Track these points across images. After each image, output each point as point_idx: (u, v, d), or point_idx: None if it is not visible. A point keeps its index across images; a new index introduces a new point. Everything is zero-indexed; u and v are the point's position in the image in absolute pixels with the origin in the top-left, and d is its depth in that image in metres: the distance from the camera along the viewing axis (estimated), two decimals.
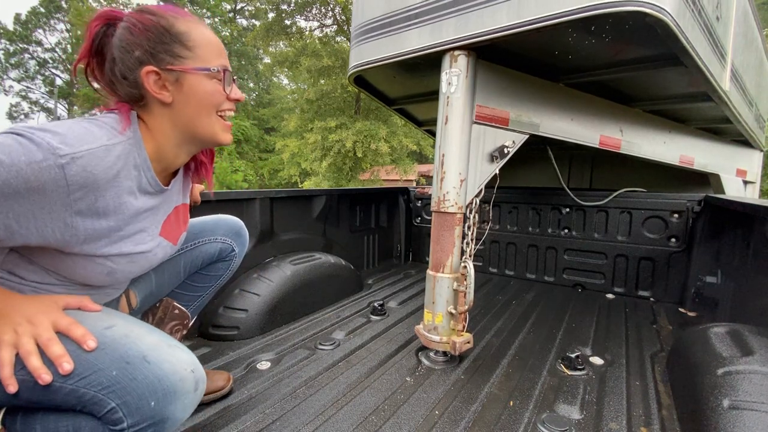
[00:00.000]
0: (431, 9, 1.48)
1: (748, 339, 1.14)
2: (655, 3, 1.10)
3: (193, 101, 0.82)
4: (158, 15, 0.78)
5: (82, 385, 0.69)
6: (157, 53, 0.77)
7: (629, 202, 2.43)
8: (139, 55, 0.77)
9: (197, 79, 0.81)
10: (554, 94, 1.70)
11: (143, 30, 0.77)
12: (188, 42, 0.79)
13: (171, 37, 0.78)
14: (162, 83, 0.79)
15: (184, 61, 0.79)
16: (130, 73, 0.78)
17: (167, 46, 0.78)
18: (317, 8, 14.67)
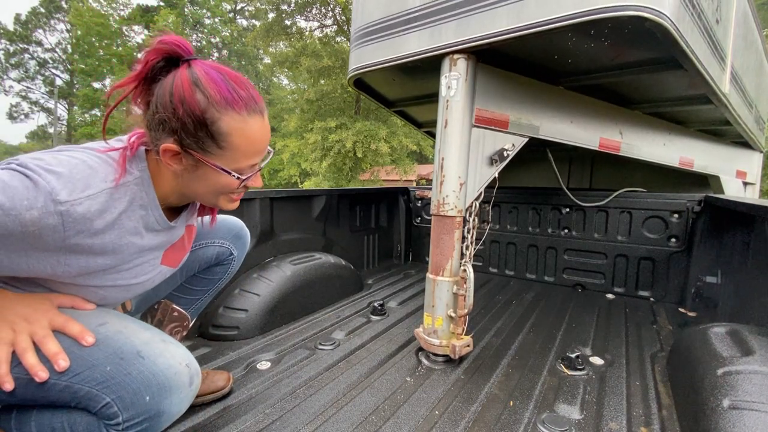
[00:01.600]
0: (431, 12, 1.49)
1: (748, 339, 1.15)
2: (654, 7, 1.11)
3: (202, 184, 0.80)
4: (208, 99, 0.70)
5: (77, 381, 0.69)
6: (186, 138, 0.72)
7: (629, 202, 2.44)
8: (169, 127, 0.72)
9: (214, 173, 0.77)
10: (554, 96, 1.70)
11: (183, 111, 0.70)
12: (222, 143, 0.74)
13: (206, 132, 0.72)
14: (179, 158, 0.75)
15: (209, 156, 0.75)
16: (154, 130, 0.74)
17: (199, 139, 0.73)
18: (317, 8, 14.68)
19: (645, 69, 1.58)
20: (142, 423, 0.71)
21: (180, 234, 0.94)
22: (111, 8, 25.51)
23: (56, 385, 0.69)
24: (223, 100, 0.71)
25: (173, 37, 0.72)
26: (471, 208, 1.53)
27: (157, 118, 0.72)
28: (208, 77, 0.71)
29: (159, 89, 0.72)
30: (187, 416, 1.13)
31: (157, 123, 0.72)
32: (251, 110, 0.75)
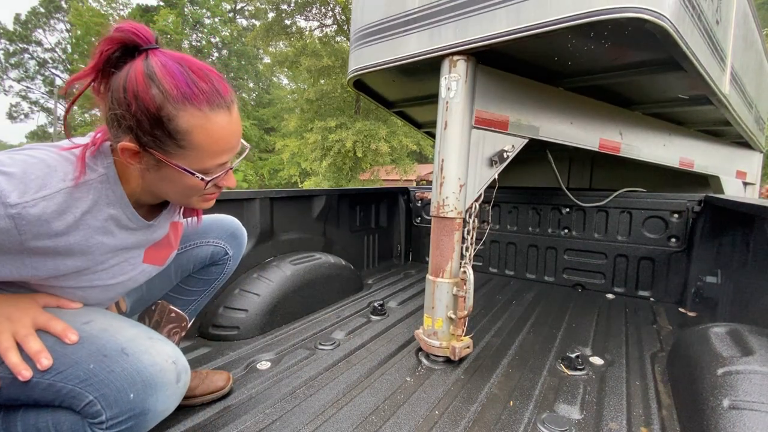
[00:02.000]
0: (430, 14, 1.49)
1: (748, 339, 1.15)
2: (654, 9, 1.11)
3: (168, 184, 0.74)
4: (164, 95, 0.64)
5: (59, 379, 0.68)
6: (142, 136, 0.67)
7: (629, 202, 2.44)
8: (125, 124, 0.66)
9: (177, 173, 0.71)
10: (554, 97, 1.70)
11: (137, 107, 0.64)
12: (182, 141, 0.68)
13: (164, 131, 0.66)
14: (139, 157, 0.69)
15: (170, 156, 0.69)
16: (112, 125, 0.68)
17: (157, 137, 0.67)
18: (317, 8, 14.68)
19: (645, 70, 1.58)
20: (126, 421, 0.70)
21: (164, 232, 0.91)
22: (111, 8, 25.50)
23: (39, 384, 0.68)
24: (180, 95, 0.65)
25: (130, 24, 0.66)
26: (471, 209, 1.53)
27: (111, 115, 0.66)
28: (165, 70, 0.64)
29: (114, 83, 0.66)
30: (187, 416, 1.13)
31: (113, 120, 0.67)
32: (214, 105, 0.68)
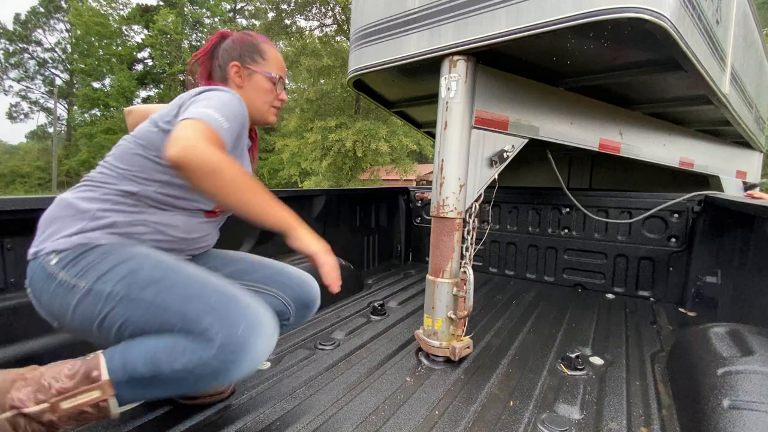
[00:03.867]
0: (430, 14, 1.49)
1: (748, 339, 1.15)
2: (654, 9, 1.11)
3: (254, 91, 1.17)
4: (252, 36, 1.20)
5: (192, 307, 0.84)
6: (243, 56, 1.16)
7: (629, 202, 2.44)
8: (233, 55, 1.15)
9: (261, 78, 1.17)
10: (553, 97, 1.70)
11: (240, 41, 1.17)
12: (264, 56, 1.18)
13: (255, 50, 1.17)
14: (240, 74, 1.15)
15: (257, 65, 1.17)
16: (224, 64, 1.16)
17: (251, 54, 1.17)
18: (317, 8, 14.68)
19: (645, 70, 1.58)
20: (231, 352, 0.82)
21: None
22: (110, 8, 25.49)
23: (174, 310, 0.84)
24: (261, 39, 1.21)
25: (224, 29, 1.25)
26: (471, 209, 1.53)
27: (224, 55, 1.16)
28: (247, 32, 1.23)
29: (221, 46, 1.18)
30: (188, 416, 1.13)
31: (225, 57, 1.15)
32: (272, 45, 1.23)
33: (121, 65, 23.98)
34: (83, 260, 0.87)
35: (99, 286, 0.85)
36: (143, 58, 26.30)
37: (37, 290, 0.90)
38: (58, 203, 0.95)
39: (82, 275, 0.86)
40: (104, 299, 0.85)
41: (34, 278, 0.89)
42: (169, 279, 0.88)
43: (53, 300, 0.87)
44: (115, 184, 0.95)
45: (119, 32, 25.66)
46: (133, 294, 0.85)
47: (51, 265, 0.87)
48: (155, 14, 23.49)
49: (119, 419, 1.11)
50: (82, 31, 23.65)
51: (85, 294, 0.85)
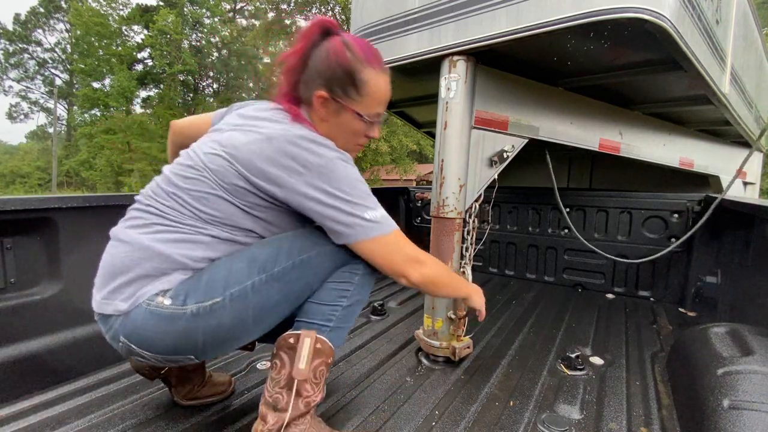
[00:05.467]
0: (430, 14, 1.49)
1: (748, 339, 1.15)
2: (654, 9, 1.11)
3: (339, 129, 0.97)
4: (355, 57, 0.91)
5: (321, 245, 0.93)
6: (335, 86, 0.92)
7: (629, 202, 2.44)
8: (323, 79, 0.92)
9: (351, 117, 0.96)
10: (553, 97, 1.70)
11: (337, 64, 0.91)
12: (362, 90, 0.93)
13: (352, 81, 0.92)
14: (326, 107, 0.94)
15: (350, 102, 0.94)
16: (311, 83, 0.93)
17: (346, 86, 0.92)
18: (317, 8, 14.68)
19: (645, 70, 1.58)
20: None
21: None
22: (110, 8, 25.48)
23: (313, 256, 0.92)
24: (365, 58, 0.93)
25: (322, 17, 0.95)
26: (471, 209, 1.53)
27: (314, 72, 0.92)
28: (355, 41, 0.93)
29: (316, 52, 0.92)
30: (188, 416, 1.13)
31: (314, 75, 0.92)
32: (382, 68, 0.97)
33: (121, 65, 23.95)
34: (199, 283, 0.83)
35: (236, 288, 0.84)
36: (143, 58, 26.30)
37: (150, 338, 0.82)
38: (132, 246, 0.84)
39: (211, 293, 0.82)
40: (251, 294, 0.85)
41: (144, 327, 0.81)
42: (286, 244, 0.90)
43: (188, 335, 0.82)
44: (203, 228, 0.86)
45: (119, 32, 25.65)
46: (272, 270, 0.87)
47: (167, 306, 0.81)
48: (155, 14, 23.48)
49: (120, 419, 1.11)
50: (81, 31, 23.62)
51: (229, 303, 0.83)
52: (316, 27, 0.93)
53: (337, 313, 0.95)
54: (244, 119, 0.94)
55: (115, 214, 1.49)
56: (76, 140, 26.50)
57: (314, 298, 0.95)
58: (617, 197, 2.47)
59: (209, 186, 0.86)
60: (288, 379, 0.91)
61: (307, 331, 0.92)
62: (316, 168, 0.84)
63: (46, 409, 1.16)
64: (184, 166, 0.89)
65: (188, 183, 0.86)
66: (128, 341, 0.83)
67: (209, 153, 0.88)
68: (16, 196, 5.21)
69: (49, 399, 1.22)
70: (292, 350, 0.92)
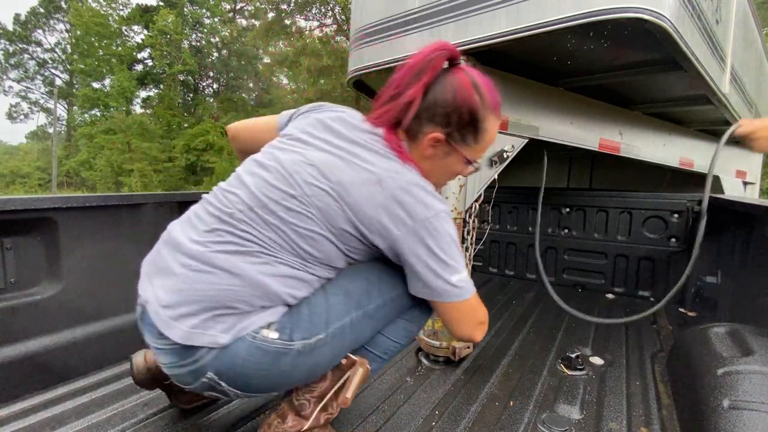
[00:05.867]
0: (430, 14, 1.49)
1: (748, 339, 1.15)
2: (654, 9, 1.11)
3: (440, 169, 0.91)
4: (483, 102, 0.84)
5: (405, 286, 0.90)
6: (454, 130, 0.85)
7: (629, 202, 2.44)
8: (442, 118, 0.83)
9: (458, 161, 0.90)
10: (553, 97, 1.70)
11: (465, 107, 0.82)
12: (479, 137, 0.87)
13: (473, 129, 0.85)
14: (436, 148, 0.86)
15: (464, 147, 0.88)
16: (425, 118, 0.84)
17: (465, 132, 0.85)
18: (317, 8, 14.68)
19: (645, 70, 1.58)
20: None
21: None
22: (110, 8, 25.49)
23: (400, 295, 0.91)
24: (492, 104, 0.86)
25: (445, 44, 0.84)
26: (471, 209, 1.53)
27: (433, 107, 0.83)
28: (483, 82, 0.86)
29: (438, 86, 0.83)
30: (188, 416, 1.13)
31: (433, 112, 0.83)
32: (499, 116, 0.91)
33: (120, 65, 23.96)
34: (300, 317, 0.80)
35: (336, 325, 0.83)
36: (143, 58, 26.30)
37: (248, 375, 0.77)
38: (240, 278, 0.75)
39: (315, 329, 0.80)
40: (349, 329, 0.85)
41: (246, 364, 0.76)
42: (374, 278, 0.88)
43: (290, 372, 0.80)
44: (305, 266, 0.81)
45: (119, 32, 25.64)
46: (368, 307, 0.86)
47: (273, 340, 0.76)
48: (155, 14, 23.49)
49: (120, 419, 1.11)
50: (81, 32, 23.62)
51: (330, 340, 0.82)
52: (442, 58, 0.83)
53: (395, 350, 0.97)
54: (338, 138, 0.84)
55: (115, 214, 1.50)
56: (76, 140, 26.51)
57: (385, 331, 0.94)
58: (617, 197, 2.47)
59: (318, 226, 0.78)
60: (322, 393, 0.90)
61: (362, 360, 0.91)
62: (422, 221, 0.78)
63: (46, 409, 1.16)
64: (284, 192, 0.79)
65: (293, 217, 0.78)
66: (217, 377, 0.76)
67: (312, 184, 0.78)
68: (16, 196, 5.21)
69: (49, 399, 1.22)
70: (338, 368, 0.90)
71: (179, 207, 1.68)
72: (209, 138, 20.07)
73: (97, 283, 1.45)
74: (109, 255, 1.48)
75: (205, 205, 0.85)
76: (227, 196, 0.83)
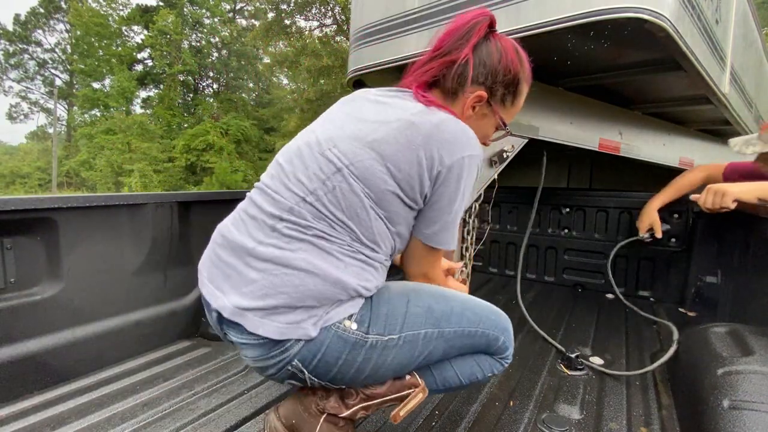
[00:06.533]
0: (430, 14, 1.49)
1: (748, 339, 1.15)
2: (654, 9, 1.11)
3: (475, 129, 0.89)
4: (523, 66, 0.91)
5: (486, 327, 0.91)
6: (496, 90, 0.89)
7: (629, 202, 2.44)
8: (486, 79, 0.88)
9: (492, 122, 0.95)
10: (553, 97, 1.70)
11: (509, 69, 0.88)
12: (516, 101, 0.94)
13: (513, 90, 0.91)
14: (480, 104, 0.90)
15: (501, 109, 0.93)
16: (466, 80, 0.87)
17: (506, 93, 0.91)
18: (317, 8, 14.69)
19: (644, 70, 1.58)
20: (512, 352, 0.98)
21: None
22: (110, 8, 25.50)
23: (478, 334, 0.91)
24: (528, 72, 0.93)
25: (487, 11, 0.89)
26: (471, 209, 1.53)
27: (479, 68, 0.87)
28: (522, 51, 0.93)
29: (485, 48, 0.87)
30: (188, 416, 1.13)
31: (479, 72, 0.87)
32: (530, 82, 0.97)
33: (120, 66, 23.98)
34: (379, 314, 0.83)
35: (410, 332, 0.84)
36: (143, 58, 26.33)
37: (327, 362, 0.80)
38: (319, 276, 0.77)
39: (390, 328, 0.83)
40: (421, 343, 0.85)
41: (328, 351, 0.79)
42: (457, 307, 0.89)
43: (361, 365, 0.82)
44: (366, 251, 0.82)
45: (119, 33, 25.66)
46: (444, 329, 0.87)
47: (353, 330, 0.79)
48: (155, 15, 23.49)
49: (120, 419, 1.11)
50: (81, 32, 23.65)
51: (401, 344, 0.83)
52: (486, 24, 0.88)
53: (453, 385, 0.96)
54: (364, 104, 0.92)
55: (115, 214, 1.50)
56: (76, 141, 26.51)
57: (454, 362, 0.95)
58: (617, 197, 2.47)
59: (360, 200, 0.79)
60: (373, 395, 0.90)
61: (424, 387, 0.92)
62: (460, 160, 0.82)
63: (46, 409, 1.16)
64: (322, 172, 0.81)
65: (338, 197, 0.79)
66: (302, 365, 0.79)
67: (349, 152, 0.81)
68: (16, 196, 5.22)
69: (49, 399, 1.22)
70: (399, 380, 0.91)
71: (179, 207, 1.68)
72: (209, 138, 20.08)
73: (97, 283, 1.45)
74: (109, 255, 1.48)
75: (257, 202, 0.85)
76: (278, 189, 0.83)
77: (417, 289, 0.91)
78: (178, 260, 1.70)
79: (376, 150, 0.79)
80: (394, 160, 0.78)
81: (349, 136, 0.82)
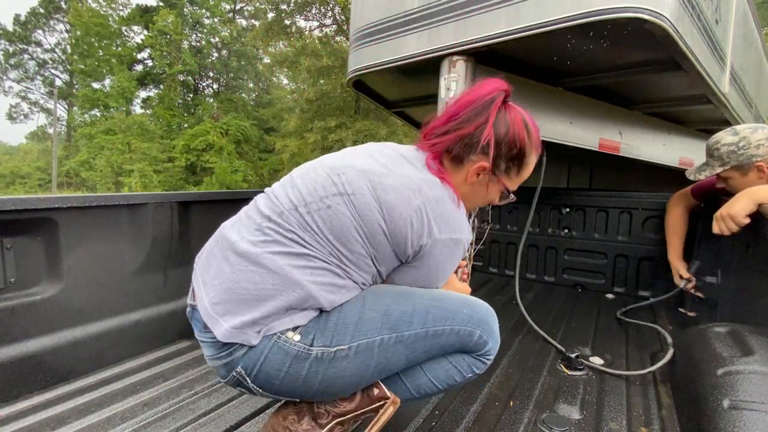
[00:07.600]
0: (430, 14, 1.49)
1: (748, 339, 1.15)
2: (653, 9, 1.11)
3: (479, 194, 0.96)
4: (530, 140, 0.91)
5: (457, 323, 0.86)
6: (500, 162, 0.90)
7: (629, 202, 2.44)
8: (492, 151, 0.87)
9: (497, 190, 0.97)
10: (553, 97, 1.70)
11: (515, 143, 0.89)
12: (520, 171, 0.95)
13: (518, 163, 0.93)
14: (480, 176, 0.91)
15: (505, 179, 0.94)
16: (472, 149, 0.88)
17: (510, 165, 0.92)
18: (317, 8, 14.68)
19: (644, 70, 1.58)
20: (494, 348, 0.92)
21: None
22: (110, 8, 25.49)
23: (447, 332, 0.86)
24: (536, 144, 0.94)
25: (503, 83, 0.90)
26: None
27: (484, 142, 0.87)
28: (531, 123, 0.93)
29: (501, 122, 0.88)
30: (188, 416, 1.13)
31: (487, 146, 0.87)
32: (539, 152, 0.98)
33: (120, 66, 23.96)
34: (327, 324, 0.80)
35: (363, 341, 0.80)
36: (143, 58, 26.30)
37: (268, 374, 0.79)
38: (282, 279, 0.77)
39: (338, 338, 0.79)
40: (377, 351, 0.81)
41: (267, 361, 0.78)
42: (420, 306, 0.85)
43: (306, 379, 0.79)
44: (346, 270, 0.82)
45: (119, 33, 25.65)
46: (403, 332, 0.83)
47: (295, 342, 0.77)
48: (155, 15, 23.48)
49: (120, 419, 1.11)
50: (81, 32, 23.63)
51: (353, 355, 0.80)
52: (501, 98, 0.89)
53: (429, 392, 0.92)
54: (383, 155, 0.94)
55: (115, 214, 1.50)
56: (76, 141, 26.50)
57: (426, 366, 0.90)
58: (617, 197, 2.47)
59: (353, 226, 0.81)
60: (344, 412, 0.88)
61: (395, 398, 0.89)
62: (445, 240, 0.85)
63: (46, 409, 1.16)
64: (325, 191, 0.82)
65: (330, 216, 0.81)
66: (244, 373, 0.80)
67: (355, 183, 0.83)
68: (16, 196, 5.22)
69: (49, 399, 1.22)
70: (368, 395, 0.88)
71: (179, 207, 1.68)
72: (209, 138, 20.07)
73: (97, 283, 1.45)
74: (109, 255, 1.48)
75: (258, 204, 0.88)
76: (278, 195, 0.86)
77: (377, 291, 0.87)
78: (178, 260, 1.70)
79: (377, 191, 0.81)
80: (390, 208, 0.80)
81: (360, 169, 0.84)
